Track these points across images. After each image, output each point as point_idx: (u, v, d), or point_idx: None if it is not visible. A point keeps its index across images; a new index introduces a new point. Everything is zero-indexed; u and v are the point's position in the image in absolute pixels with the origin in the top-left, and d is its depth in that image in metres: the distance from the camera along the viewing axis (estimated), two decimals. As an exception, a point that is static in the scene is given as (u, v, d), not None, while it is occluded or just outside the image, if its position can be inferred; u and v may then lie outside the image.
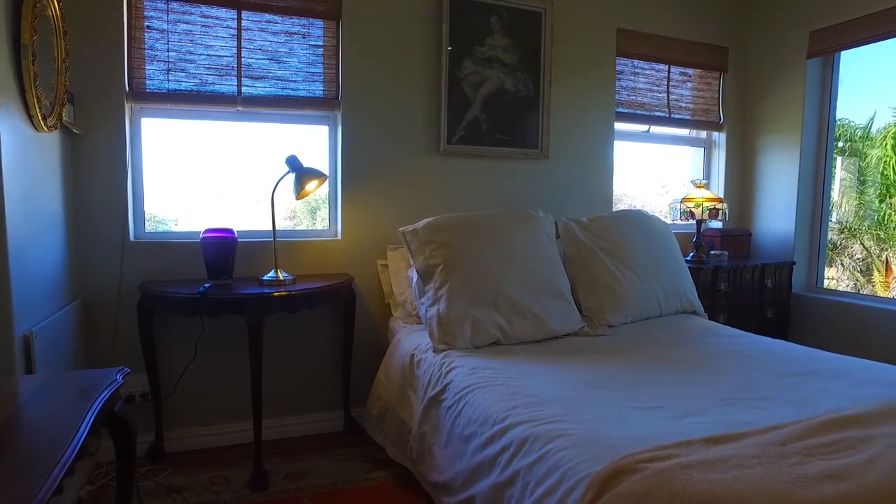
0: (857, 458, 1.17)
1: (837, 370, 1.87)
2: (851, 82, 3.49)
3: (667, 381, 1.79)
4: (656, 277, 2.60)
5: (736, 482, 1.08)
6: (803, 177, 3.40)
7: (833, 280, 7.67)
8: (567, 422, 1.43)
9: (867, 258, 7.02)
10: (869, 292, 7.01)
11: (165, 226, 2.71)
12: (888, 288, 6.81)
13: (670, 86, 3.49)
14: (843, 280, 7.43)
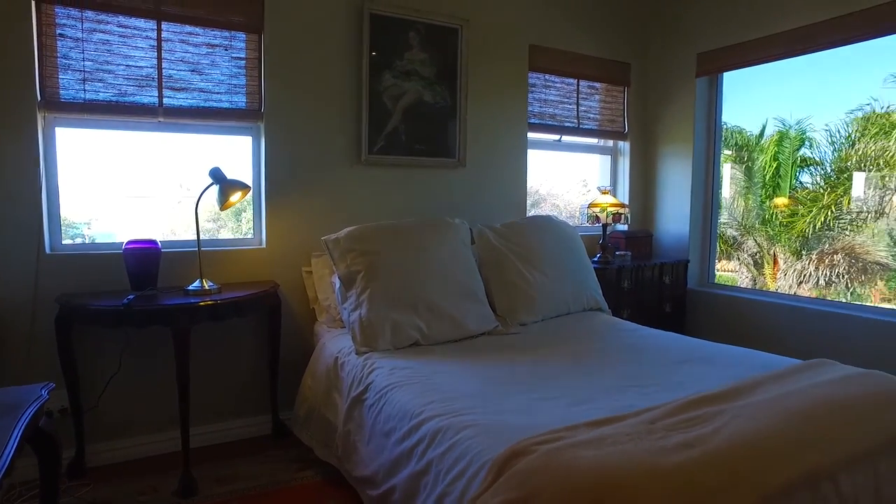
0: (706, 430, 1.41)
1: (712, 357, 2.15)
2: (747, 95, 3.89)
3: (567, 373, 2.00)
4: (565, 278, 2.84)
5: (610, 456, 1.28)
6: (696, 183, 3.76)
7: (733, 272, 8.39)
8: (475, 414, 1.60)
9: (759, 253, 7.72)
10: (761, 284, 7.72)
11: (82, 235, 2.68)
12: (776, 278, 7.53)
13: (580, 98, 3.77)
14: (743, 271, 8.14)
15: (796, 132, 7.70)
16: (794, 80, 8.38)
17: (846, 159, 7.07)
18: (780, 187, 7.57)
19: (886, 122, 6.88)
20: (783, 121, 7.78)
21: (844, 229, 7.01)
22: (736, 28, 3.43)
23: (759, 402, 1.59)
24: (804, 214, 7.11)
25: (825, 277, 7.14)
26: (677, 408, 1.54)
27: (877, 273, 7.12)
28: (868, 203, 6.91)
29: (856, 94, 7.29)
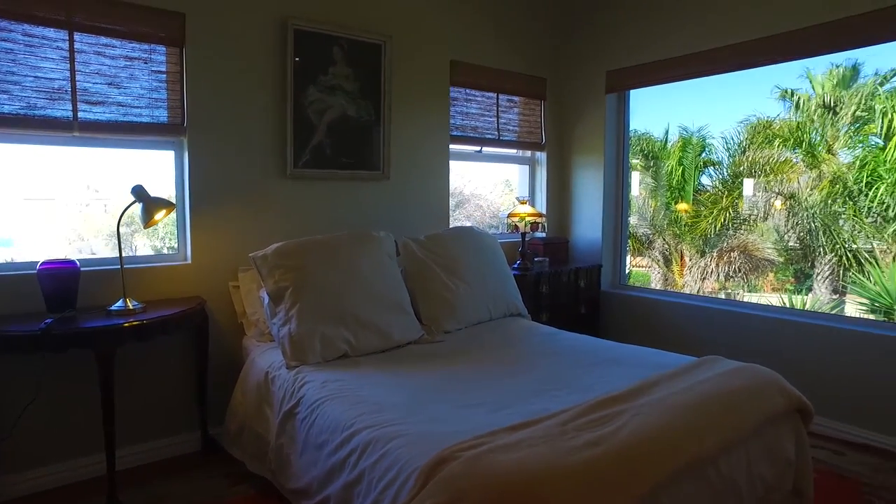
0: (610, 428, 1.59)
1: (619, 359, 2.37)
2: (654, 104, 4.18)
3: (488, 380, 2.15)
4: (486, 286, 3.00)
5: (526, 458, 1.43)
6: (607, 191, 4.05)
7: (647, 268, 8.96)
8: (404, 424, 1.71)
9: (668, 251, 8.29)
10: (670, 279, 8.30)
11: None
12: (683, 274, 8.12)
13: (499, 111, 3.95)
14: (655, 268, 8.72)
15: (697, 139, 8.33)
16: (694, 90, 9.04)
17: (739, 165, 7.73)
18: (685, 190, 8.16)
19: (770, 132, 7.59)
20: (686, 128, 8.40)
21: (739, 229, 7.67)
22: (641, 50, 3.72)
23: (655, 400, 1.80)
24: (706, 216, 7.71)
25: (724, 273, 7.78)
26: (585, 409, 1.72)
27: (766, 268, 7.84)
28: (757, 205, 7.60)
29: (745, 105, 8.00)
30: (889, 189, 6.58)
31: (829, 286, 7.30)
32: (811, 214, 7.22)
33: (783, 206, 7.47)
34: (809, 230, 7.29)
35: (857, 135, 7.18)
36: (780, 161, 7.41)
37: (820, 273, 7.34)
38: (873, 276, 6.45)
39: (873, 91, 6.95)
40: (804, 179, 7.38)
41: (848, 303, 6.97)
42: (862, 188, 6.83)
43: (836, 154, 7.34)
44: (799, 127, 7.50)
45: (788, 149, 7.46)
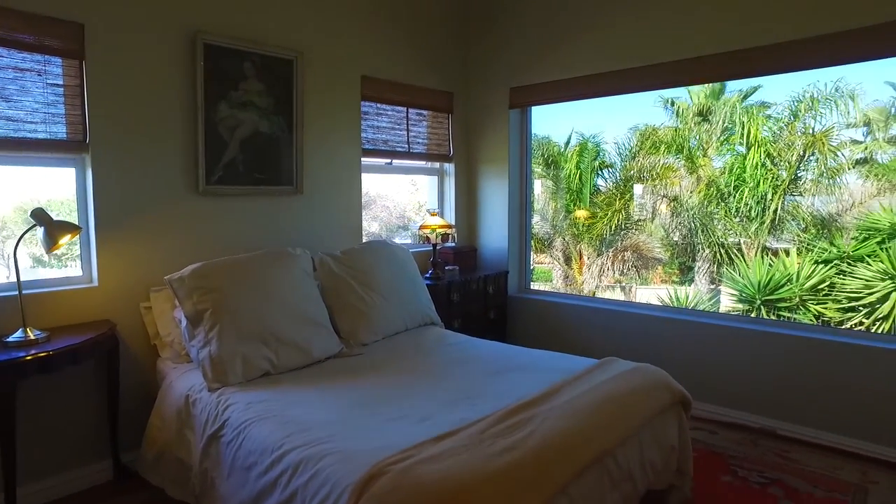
0: (524, 433, 1.77)
1: (527, 365, 2.58)
2: (555, 110, 4.44)
3: (409, 391, 2.28)
4: (400, 297, 3.12)
5: (451, 467, 1.57)
6: (511, 201, 4.29)
7: (550, 265, 9.47)
8: (333, 441, 1.79)
9: (567, 249, 8.82)
10: (570, 277, 8.83)
11: None
12: (582, 272, 8.68)
13: (409, 124, 4.08)
14: (556, 266, 9.24)
15: (593, 144, 8.92)
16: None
17: (630, 169, 8.38)
18: (583, 193, 8.72)
19: (655, 138, 8.29)
20: (582, 134, 8.97)
21: (631, 230, 8.32)
22: (542, 70, 3.98)
23: (561, 404, 2.01)
24: (601, 217, 8.30)
25: (619, 270, 8.41)
26: (501, 416, 1.90)
27: (655, 265, 8.56)
28: (646, 207, 8.29)
29: (635, 112, 8.69)
30: (751, 192, 7.43)
31: (707, 278, 8.11)
32: (691, 215, 7.98)
33: (668, 208, 8.20)
34: (690, 229, 8.05)
35: (725, 143, 8.02)
36: (665, 166, 8.11)
37: (700, 267, 8.13)
38: (740, 269, 7.26)
39: (737, 104, 7.80)
40: (685, 183, 8.14)
41: (723, 293, 7.80)
42: (731, 191, 7.65)
43: (711, 159, 8.16)
44: (679, 134, 8.26)
45: (671, 154, 8.19)
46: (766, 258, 7.29)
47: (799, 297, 6.77)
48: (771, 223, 7.41)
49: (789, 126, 7.49)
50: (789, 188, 7.40)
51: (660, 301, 7.77)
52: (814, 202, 7.34)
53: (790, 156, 7.41)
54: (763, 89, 7.80)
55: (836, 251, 6.77)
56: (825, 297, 6.65)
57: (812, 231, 7.31)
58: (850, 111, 6.99)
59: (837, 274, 6.59)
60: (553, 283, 9.24)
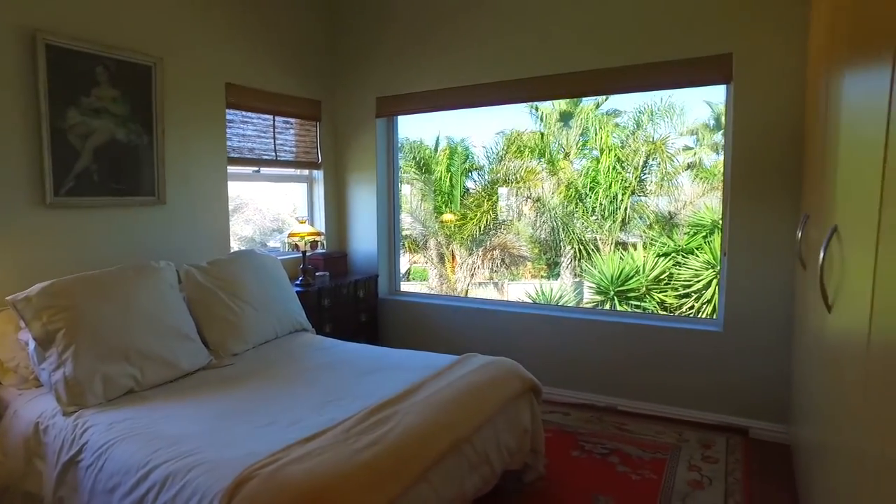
0: (386, 428, 1.93)
1: (394, 364, 2.75)
2: (428, 114, 4.57)
3: (279, 397, 2.35)
4: (269, 306, 3.16)
5: (316, 466, 1.69)
6: (380, 206, 4.45)
7: (425, 264, 9.75)
8: (202, 452, 1.84)
9: (440, 249, 9.15)
10: (444, 276, 9.17)
11: None
12: (455, 271, 9.05)
13: (276, 132, 4.08)
14: (431, 266, 9.53)
15: (462, 148, 9.32)
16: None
17: (497, 172, 8.88)
18: (453, 195, 9.09)
19: (520, 143, 8.86)
20: (452, 138, 9.34)
21: (499, 229, 8.83)
22: (406, 81, 4.17)
23: (422, 399, 2.20)
24: (471, 218, 8.72)
25: (490, 268, 8.89)
26: (365, 415, 2.05)
27: (522, 262, 9.15)
28: (512, 208, 8.84)
29: (503, 117, 9.20)
30: (605, 193, 8.21)
31: (571, 273, 8.83)
32: (553, 215, 8.63)
33: (532, 209, 8.80)
34: (553, 228, 8.70)
35: (583, 147, 8.77)
36: (528, 169, 8.70)
37: (564, 263, 8.82)
38: (596, 263, 8.00)
39: (591, 112, 8.57)
40: (547, 185, 8.78)
41: (585, 286, 8.53)
42: (587, 192, 8.39)
43: (572, 162, 8.88)
44: (543, 138, 8.89)
45: (535, 158, 8.80)
46: (619, 253, 8.09)
47: (645, 287, 7.60)
48: (622, 221, 8.23)
49: (634, 134, 8.37)
50: (636, 189, 8.27)
51: (528, 295, 8.33)
52: (656, 202, 8.26)
53: (636, 160, 8.27)
54: (614, 99, 8.63)
55: (674, 245, 7.69)
56: (665, 285, 7.53)
57: (656, 228, 8.23)
58: (681, 123, 7.97)
59: (675, 265, 7.49)
60: (430, 282, 9.55)
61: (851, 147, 1.58)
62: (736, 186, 3.20)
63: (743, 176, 3.17)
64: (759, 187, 3.12)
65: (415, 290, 8.44)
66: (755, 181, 3.13)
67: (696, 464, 2.91)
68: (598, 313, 4.30)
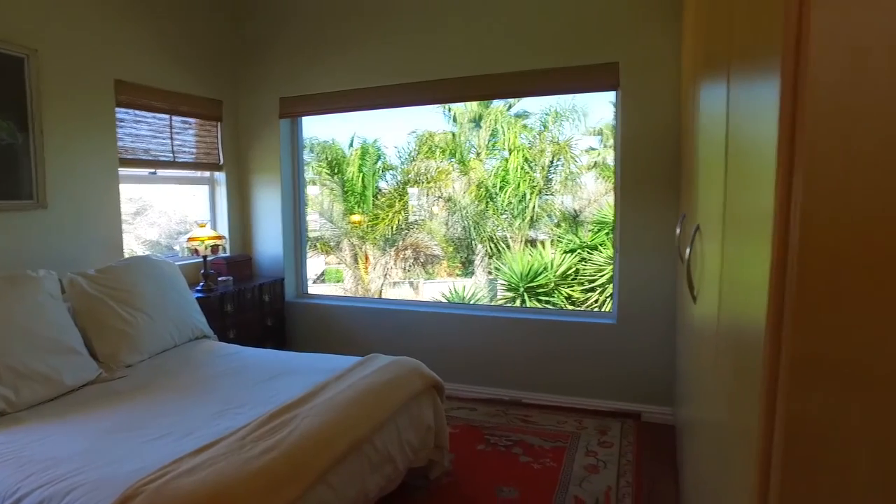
0: (283, 433, 1.92)
1: (298, 368, 2.72)
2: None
3: (174, 408, 2.27)
4: (166, 314, 3.03)
5: (208, 476, 1.66)
6: (285, 208, 4.37)
7: (338, 265, 9.64)
8: (83, 473, 1.74)
9: (354, 251, 9.09)
10: (358, 277, 9.11)
11: None
12: (368, 271, 9.02)
13: (173, 133, 3.91)
14: (346, 267, 9.44)
15: (374, 148, 9.29)
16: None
17: (409, 172, 8.93)
18: (366, 195, 9.04)
19: (432, 143, 8.96)
20: (364, 138, 9.29)
21: (411, 229, 8.88)
22: (310, 82, 4.12)
23: (323, 402, 2.20)
24: (383, 218, 8.72)
25: (402, 268, 8.92)
26: (264, 421, 2.02)
27: (437, 261, 9.25)
28: (424, 208, 8.93)
29: (416, 118, 9.25)
30: (514, 192, 8.46)
31: (485, 270, 9.02)
32: (465, 214, 8.79)
33: (444, 208, 8.93)
34: (465, 227, 8.86)
35: (494, 147, 8.99)
36: (440, 169, 8.81)
37: (477, 261, 9.00)
38: (507, 261, 8.24)
39: (500, 114, 8.80)
40: (459, 185, 8.93)
41: (498, 283, 8.75)
42: (497, 191, 8.62)
43: (483, 162, 9.08)
44: (455, 138, 9.03)
45: (446, 158, 8.92)
46: (528, 250, 8.37)
47: (554, 282, 7.91)
48: (531, 219, 8.51)
49: (541, 135, 8.68)
50: (544, 188, 8.58)
51: (442, 294, 8.44)
52: (563, 200, 8.61)
53: (543, 160, 8.58)
54: (524, 101, 8.90)
55: (579, 241, 8.05)
56: (573, 281, 7.87)
57: (563, 225, 8.58)
58: (585, 125, 8.36)
59: (581, 261, 7.84)
60: (345, 283, 9.45)
61: (706, 151, 1.76)
62: (625, 187, 3.41)
63: (631, 178, 3.39)
64: (645, 188, 3.35)
65: (326, 293, 8.36)
66: (641, 183, 3.36)
67: (592, 449, 3.08)
68: (503, 310, 4.45)
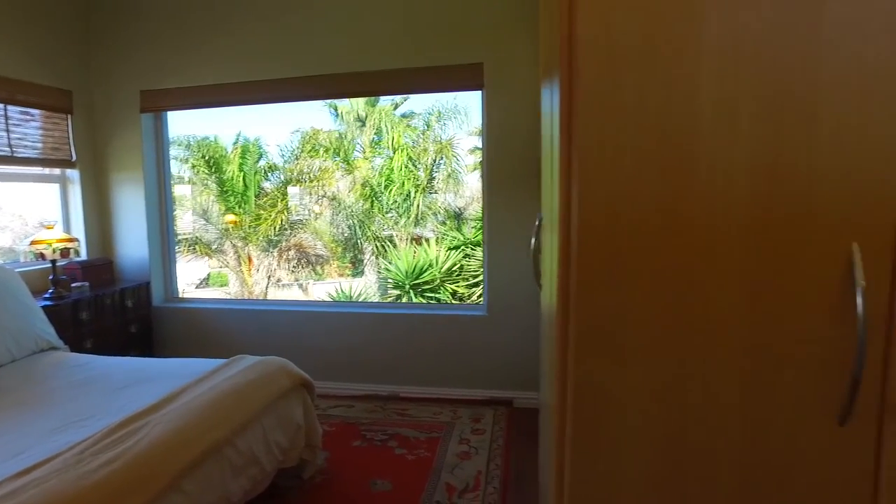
0: (130, 443, 1.83)
1: (156, 375, 2.58)
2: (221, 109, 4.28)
3: (4, 428, 2.08)
4: (3, 325, 2.75)
5: (31, 498, 1.54)
6: (150, 207, 4.11)
7: (221, 268, 9.20)
8: None
9: (237, 252, 8.72)
10: (242, 279, 8.76)
11: None
12: (252, 274, 8.70)
13: (10, 125, 3.55)
14: (229, 270, 9.02)
15: (254, 146, 8.96)
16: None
17: (292, 171, 8.71)
18: (247, 195, 8.70)
19: (316, 142, 8.80)
20: (245, 136, 8.93)
21: (294, 229, 8.67)
22: (174, 74, 3.90)
23: (178, 407, 2.11)
24: (266, 218, 8.43)
25: (286, 269, 8.69)
26: (108, 432, 1.91)
27: (326, 262, 9.11)
28: (308, 207, 8.75)
29: (301, 115, 9.03)
30: (399, 190, 8.53)
31: (373, 269, 9.00)
32: (351, 213, 8.72)
33: (329, 207, 8.80)
34: (350, 226, 8.79)
35: (378, 146, 8.99)
36: (324, 168, 8.67)
37: (366, 260, 8.96)
38: (393, 259, 8.29)
39: (383, 112, 8.83)
40: (344, 184, 8.84)
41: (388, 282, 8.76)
42: (382, 190, 8.64)
43: (371, 161, 9.05)
44: (340, 136, 8.92)
45: (331, 157, 8.80)
46: (413, 248, 8.46)
47: (439, 279, 8.06)
48: (415, 217, 8.61)
49: (424, 134, 8.80)
50: (427, 187, 8.71)
51: (329, 295, 8.32)
52: (446, 198, 8.79)
53: (426, 159, 8.71)
54: (411, 101, 8.97)
55: (463, 238, 8.26)
56: (458, 276, 8.06)
57: (447, 223, 8.76)
58: (469, 125, 8.58)
59: (464, 257, 8.06)
60: (230, 286, 9.04)
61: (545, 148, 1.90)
62: (492, 184, 3.57)
63: (497, 174, 3.55)
64: (510, 185, 3.52)
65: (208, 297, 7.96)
66: (507, 179, 3.53)
67: (466, 437, 3.20)
68: (381, 307, 4.49)
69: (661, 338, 0.93)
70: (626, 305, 1.00)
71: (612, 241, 0.98)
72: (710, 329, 0.93)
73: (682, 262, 0.93)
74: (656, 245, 0.93)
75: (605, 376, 0.99)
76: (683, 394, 0.95)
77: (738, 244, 0.92)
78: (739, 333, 0.93)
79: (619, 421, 1.01)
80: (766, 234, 0.92)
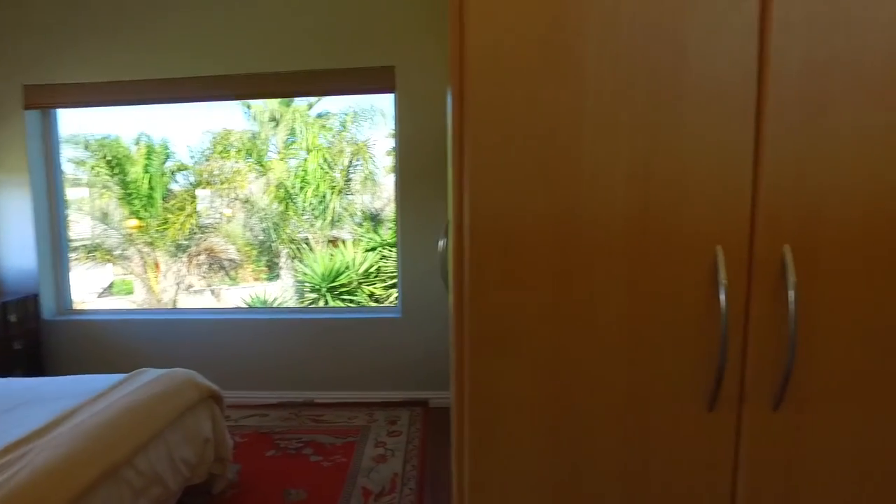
0: (7, 475, 1.69)
1: (44, 395, 2.39)
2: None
3: None
4: None
5: None
6: (39, 214, 3.81)
7: (124, 275, 8.65)
8: None
9: (143, 258, 8.24)
10: (149, 287, 8.28)
11: None
12: (160, 281, 8.25)
13: None
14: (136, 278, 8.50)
15: (161, 146, 8.49)
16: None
17: (202, 173, 8.33)
18: (153, 198, 8.23)
19: (228, 142, 8.47)
20: (150, 136, 8.44)
21: (205, 232, 8.30)
22: (67, 68, 3.62)
23: (69, 430, 1.97)
24: (174, 222, 8.02)
25: (197, 275, 8.30)
26: (-14, 459, 1.75)
27: (240, 266, 8.78)
28: (219, 210, 8.42)
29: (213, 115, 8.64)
30: (314, 192, 8.37)
31: (290, 272, 8.77)
32: (265, 215, 8.46)
33: (241, 210, 8.49)
34: (265, 229, 8.53)
35: (292, 147, 8.78)
36: (236, 170, 8.36)
37: (282, 263, 8.72)
38: (308, 262, 8.14)
39: (296, 112, 8.64)
40: (257, 185, 8.56)
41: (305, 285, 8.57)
42: (297, 192, 8.45)
43: (286, 161, 8.81)
44: (254, 136, 8.62)
45: (242, 158, 8.49)
46: (330, 250, 8.33)
47: (356, 281, 7.98)
48: (332, 219, 8.48)
49: (340, 135, 8.69)
50: (344, 188, 8.60)
51: (243, 301, 8.03)
52: (362, 199, 8.72)
53: (342, 160, 8.60)
54: (325, 102, 8.80)
55: (380, 239, 8.23)
56: (375, 278, 8.02)
57: (364, 225, 8.69)
58: (386, 126, 8.55)
59: (382, 258, 8.03)
60: (136, 294, 8.51)
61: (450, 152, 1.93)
62: (404, 186, 3.59)
63: (409, 176, 3.57)
64: (422, 187, 3.56)
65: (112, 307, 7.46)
66: (418, 181, 3.56)
67: (382, 440, 3.20)
68: (294, 311, 4.41)
69: (550, 335, 0.98)
70: (518, 305, 1.05)
71: (504, 244, 1.02)
72: (598, 324, 0.99)
73: (571, 263, 0.98)
74: (546, 248, 0.97)
75: (499, 374, 1.02)
76: (571, 388, 1.00)
77: (620, 246, 0.98)
78: (626, 327, 0.99)
79: (516, 418, 1.05)
80: (644, 238, 0.99)
